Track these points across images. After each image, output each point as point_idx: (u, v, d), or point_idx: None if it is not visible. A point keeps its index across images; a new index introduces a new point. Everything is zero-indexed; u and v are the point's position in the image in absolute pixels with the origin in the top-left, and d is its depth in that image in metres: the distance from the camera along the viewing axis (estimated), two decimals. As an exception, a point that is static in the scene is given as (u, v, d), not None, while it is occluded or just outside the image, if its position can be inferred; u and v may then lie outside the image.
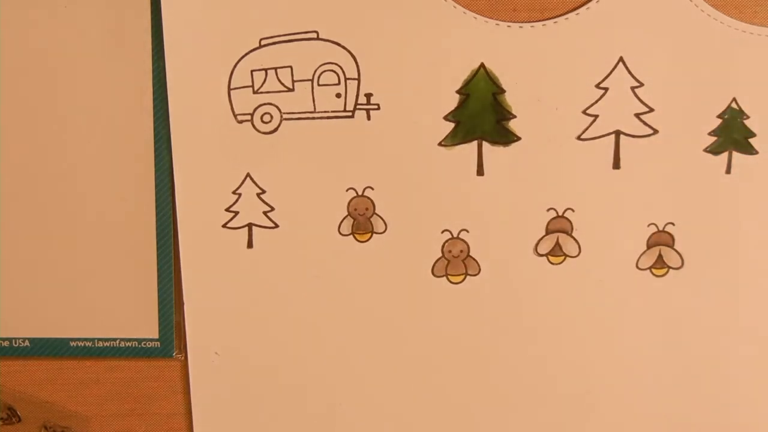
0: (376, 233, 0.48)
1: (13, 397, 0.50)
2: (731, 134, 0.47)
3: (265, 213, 0.48)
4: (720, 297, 0.48)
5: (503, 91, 0.47)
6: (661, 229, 0.48)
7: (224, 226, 0.48)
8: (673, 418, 0.49)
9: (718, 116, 0.47)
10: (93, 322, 0.49)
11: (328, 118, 0.47)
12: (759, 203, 0.47)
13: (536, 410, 0.49)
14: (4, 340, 0.49)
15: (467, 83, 0.47)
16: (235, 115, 0.47)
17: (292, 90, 0.47)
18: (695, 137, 0.47)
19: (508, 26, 0.47)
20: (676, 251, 0.48)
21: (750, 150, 0.47)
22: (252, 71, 0.47)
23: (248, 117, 0.48)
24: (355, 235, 0.48)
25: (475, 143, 0.47)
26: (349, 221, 0.48)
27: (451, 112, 0.47)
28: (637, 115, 0.47)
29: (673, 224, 0.48)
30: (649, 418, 0.49)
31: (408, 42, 0.47)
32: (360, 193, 0.48)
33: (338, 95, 0.47)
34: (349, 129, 0.47)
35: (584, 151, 0.47)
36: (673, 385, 0.49)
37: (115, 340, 0.49)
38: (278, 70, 0.47)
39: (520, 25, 0.47)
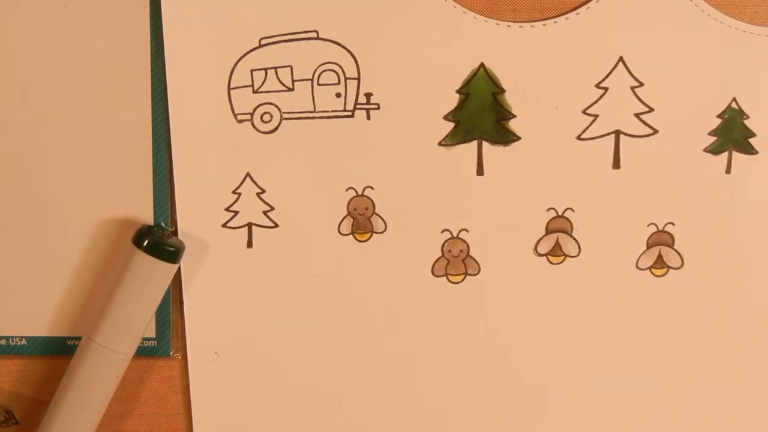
0: (376, 233, 0.48)
1: (10, 397, 0.50)
2: (731, 134, 0.47)
3: (264, 213, 0.48)
4: (720, 297, 0.48)
5: (503, 91, 0.47)
6: (661, 229, 0.48)
7: (224, 225, 0.48)
8: (673, 417, 0.49)
9: (718, 116, 0.47)
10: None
11: (328, 117, 0.47)
12: (759, 203, 0.47)
13: (536, 409, 0.49)
14: (0, 338, 0.49)
15: (467, 83, 0.47)
16: (234, 115, 0.47)
17: (292, 89, 0.47)
18: (695, 137, 0.47)
19: (508, 26, 0.47)
20: (676, 251, 0.48)
21: (750, 150, 0.47)
22: (252, 71, 0.47)
23: (248, 116, 0.47)
24: (355, 235, 0.48)
25: (474, 143, 0.48)
26: (349, 221, 0.48)
27: (451, 111, 0.47)
28: (637, 115, 0.47)
29: (673, 224, 0.48)
30: (649, 418, 0.49)
31: (408, 42, 0.47)
32: (360, 193, 0.48)
33: (338, 95, 0.47)
34: (349, 129, 0.47)
35: (584, 151, 0.47)
36: (672, 385, 0.49)
37: (113, 339, 0.49)
38: (278, 70, 0.47)
39: (520, 25, 0.47)
